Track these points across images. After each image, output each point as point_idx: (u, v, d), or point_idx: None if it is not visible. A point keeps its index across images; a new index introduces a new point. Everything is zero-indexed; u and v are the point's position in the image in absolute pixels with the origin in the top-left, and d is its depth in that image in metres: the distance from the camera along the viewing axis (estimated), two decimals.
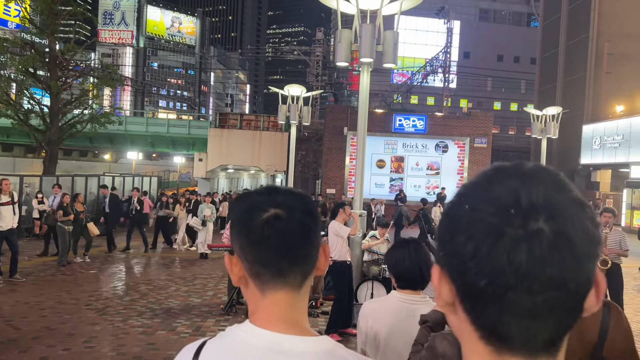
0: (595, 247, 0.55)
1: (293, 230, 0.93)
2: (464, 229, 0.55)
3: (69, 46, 21.77)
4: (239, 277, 0.97)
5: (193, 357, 0.96)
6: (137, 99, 77.45)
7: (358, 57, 9.06)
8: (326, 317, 7.89)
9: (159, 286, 9.60)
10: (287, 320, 0.94)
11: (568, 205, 0.54)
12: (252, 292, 0.97)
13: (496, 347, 0.55)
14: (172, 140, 35.04)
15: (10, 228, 9.34)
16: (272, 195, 0.96)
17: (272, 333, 0.92)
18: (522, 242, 0.52)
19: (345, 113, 25.19)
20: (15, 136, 31.73)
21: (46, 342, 6.14)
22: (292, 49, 63.66)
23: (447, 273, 0.58)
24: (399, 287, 2.19)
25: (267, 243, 0.92)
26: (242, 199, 1.00)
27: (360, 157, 9.77)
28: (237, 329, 0.95)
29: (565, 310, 0.54)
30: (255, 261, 0.93)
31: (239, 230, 0.95)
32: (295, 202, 0.96)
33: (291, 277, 0.94)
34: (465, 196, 0.58)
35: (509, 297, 0.53)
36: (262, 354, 0.90)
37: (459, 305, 0.58)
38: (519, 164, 0.58)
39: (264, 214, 0.93)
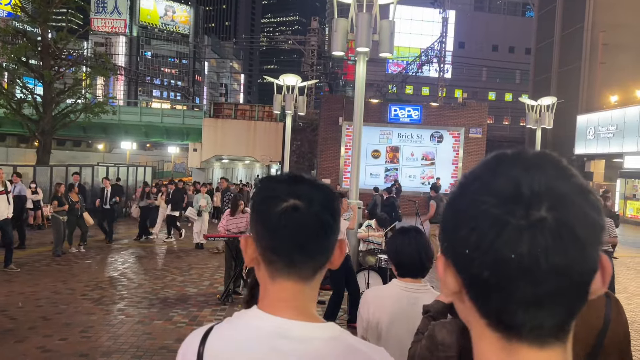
0: (599, 234, 0.54)
1: (309, 223, 0.93)
2: (467, 220, 0.55)
3: (61, 35, 21.56)
4: (252, 258, 0.98)
5: (200, 342, 0.96)
6: (130, 89, 76.95)
7: (354, 47, 9.02)
8: (322, 307, 7.93)
9: (155, 276, 9.60)
10: (295, 307, 0.94)
11: (571, 193, 0.54)
12: (263, 274, 0.98)
13: (504, 334, 0.56)
14: (166, 130, 34.90)
15: (5, 218, 9.29)
16: (294, 184, 0.96)
17: (280, 319, 0.92)
18: (525, 232, 0.52)
19: (341, 103, 25.13)
20: (7, 126, 31.49)
21: (42, 332, 6.14)
22: (287, 38, 63.31)
23: (452, 263, 0.58)
24: (399, 276, 2.20)
25: (281, 232, 0.92)
26: (265, 185, 1.00)
27: (356, 147, 9.76)
28: (245, 314, 0.96)
29: (572, 297, 0.54)
30: (269, 248, 0.94)
31: (256, 217, 0.96)
32: (316, 195, 0.95)
33: (302, 269, 0.95)
34: (467, 187, 0.58)
35: (513, 287, 0.53)
36: (269, 339, 0.91)
37: (465, 294, 0.58)
38: (521, 152, 0.58)
39: (283, 203, 0.93)
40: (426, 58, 40.22)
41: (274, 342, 0.90)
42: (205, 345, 0.96)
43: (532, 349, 0.55)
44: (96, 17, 75.91)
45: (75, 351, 5.57)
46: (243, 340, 0.93)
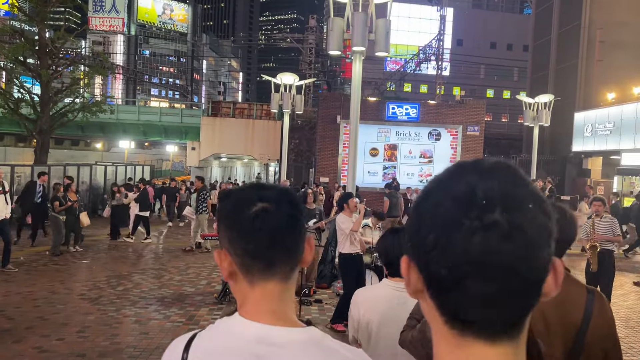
0: (548, 238, 0.58)
1: (282, 222, 0.97)
2: (427, 222, 0.59)
3: (59, 34, 21.53)
4: (229, 272, 1.00)
5: (183, 350, 0.99)
6: (128, 87, 76.81)
7: (351, 46, 9.04)
8: (319, 305, 7.95)
9: (152, 275, 9.62)
10: (275, 311, 0.97)
11: (524, 199, 0.58)
12: (240, 286, 1.00)
13: (459, 331, 0.59)
14: (164, 128, 34.86)
15: (3, 218, 9.30)
16: (257, 190, 1.01)
17: (261, 325, 0.95)
18: (478, 232, 0.56)
19: (339, 101, 25.11)
20: (5, 125, 31.42)
21: (40, 332, 6.15)
22: (285, 36, 63.21)
23: (415, 263, 0.62)
24: (390, 275, 2.22)
25: (257, 235, 0.96)
26: (230, 195, 1.04)
27: (353, 145, 9.79)
28: (226, 321, 0.98)
29: (522, 296, 0.58)
30: (246, 254, 0.97)
31: (228, 225, 0.99)
32: (281, 196, 1.00)
33: (281, 268, 0.98)
34: (430, 192, 0.62)
35: (467, 285, 0.56)
36: (251, 345, 0.93)
37: (426, 292, 0.62)
38: (479, 160, 0.62)
39: (253, 207, 0.97)
40: (424, 56, 40.20)
41: (255, 348, 0.93)
42: (189, 352, 0.98)
43: (485, 345, 0.58)
44: (94, 15, 75.73)
45: (72, 351, 5.59)
46: (225, 347, 0.95)
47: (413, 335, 1.90)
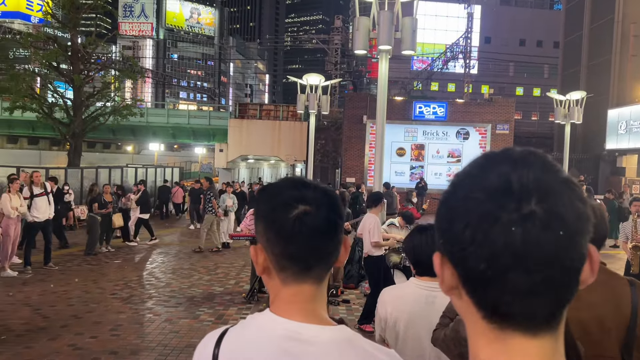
0: (585, 224, 0.57)
1: (321, 227, 0.96)
2: (461, 217, 0.58)
3: (90, 39, 22.07)
4: (263, 267, 1.00)
5: (215, 344, 1.00)
6: (158, 91, 78.14)
7: (377, 45, 9.00)
8: (347, 305, 7.95)
9: (182, 275, 9.76)
10: (307, 310, 0.97)
11: (557, 186, 0.57)
12: (274, 283, 1.00)
13: (498, 325, 0.58)
14: (192, 131, 35.34)
15: (46, 219, 9.68)
16: (299, 190, 0.98)
17: (292, 322, 0.95)
18: (517, 224, 0.54)
19: (365, 101, 25.04)
20: (40, 129, 32.35)
21: (74, 330, 6.31)
22: (311, 37, 63.37)
23: (448, 259, 0.61)
24: (417, 274, 2.20)
25: (296, 239, 0.95)
26: (269, 192, 1.02)
27: (380, 145, 9.74)
28: (257, 317, 0.99)
29: (563, 286, 0.57)
30: (283, 256, 0.96)
31: (267, 225, 0.98)
32: (323, 199, 0.98)
33: (316, 271, 0.98)
34: (458, 185, 0.61)
35: (508, 278, 0.55)
36: (282, 342, 0.93)
37: (462, 288, 0.60)
38: (508, 149, 0.60)
39: (294, 210, 0.95)
40: (451, 54, 39.75)
41: (285, 344, 0.93)
42: (220, 348, 0.99)
43: (525, 337, 0.57)
44: (124, 21, 77.31)
45: (105, 349, 5.71)
46: (255, 342, 0.96)
47: (446, 334, 1.89)
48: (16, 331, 6.16)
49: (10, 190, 9.33)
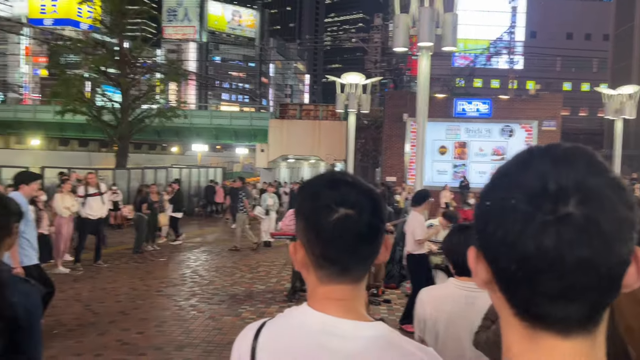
0: (628, 230, 0.54)
1: (362, 232, 0.94)
2: (496, 215, 0.57)
3: (136, 44, 22.74)
4: (301, 263, 1.00)
5: (254, 337, 1.02)
6: (201, 93, 79.76)
7: (417, 42, 8.90)
8: (388, 305, 7.89)
9: (224, 273, 9.93)
10: (345, 306, 0.96)
11: (601, 189, 0.54)
12: (312, 278, 1.00)
13: (530, 323, 0.57)
14: (235, 132, 35.87)
15: (99, 217, 10.10)
16: (341, 190, 0.96)
17: (329, 316, 0.95)
18: (551, 226, 0.52)
19: (405, 99, 24.77)
20: (90, 132, 33.54)
21: (121, 325, 6.51)
22: (350, 36, 63.30)
23: (483, 255, 0.60)
24: (457, 274, 2.16)
25: (336, 242, 0.94)
26: (309, 191, 1.00)
27: (420, 143, 9.63)
28: (295, 311, 1.00)
29: (598, 291, 0.54)
30: (322, 257, 0.96)
31: (307, 226, 0.97)
32: (365, 201, 0.96)
33: (354, 273, 0.97)
34: (497, 182, 0.60)
35: (539, 281, 0.54)
36: (318, 336, 0.93)
37: (495, 284, 0.59)
38: (553, 146, 0.58)
39: (334, 214, 0.94)
40: (495, 49, 38.85)
41: (322, 338, 0.93)
42: (258, 340, 1.01)
43: (557, 338, 0.55)
44: (168, 25, 79.30)
45: (150, 344, 5.87)
46: (293, 336, 0.97)
47: (488, 336, 1.85)
48: (68, 326, 6.42)
49: (62, 190, 9.74)
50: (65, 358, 5.35)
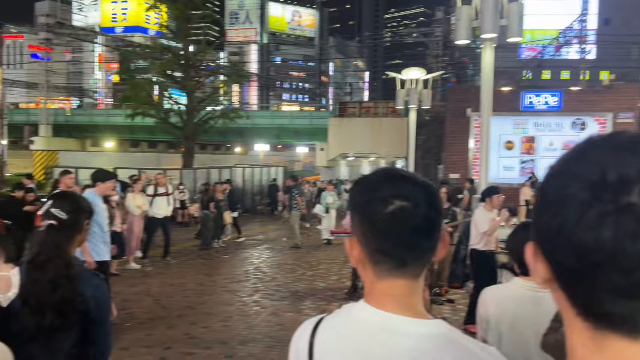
0: None
1: (419, 224, 0.93)
2: (553, 205, 0.53)
3: (200, 47, 23.47)
4: (357, 259, 1.00)
5: (311, 332, 1.03)
6: (262, 94, 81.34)
7: (479, 34, 8.62)
8: (451, 305, 7.71)
9: (286, 270, 10.07)
10: (403, 302, 0.95)
11: None
12: (369, 274, 0.99)
13: (593, 324, 0.53)
14: (295, 131, 36.29)
15: (165, 216, 10.55)
16: (396, 183, 0.96)
17: (387, 313, 0.94)
18: (610, 217, 0.49)
19: (468, 93, 24.09)
20: (158, 134, 34.99)
21: (188, 319, 6.75)
22: (411, 31, 62.43)
23: (541, 250, 0.56)
24: (521, 274, 2.06)
25: (392, 236, 0.93)
26: (365, 185, 1.00)
27: (485, 139, 9.33)
28: (353, 307, 1.00)
29: None
30: (378, 251, 0.95)
31: (362, 219, 0.96)
32: (421, 194, 0.95)
33: (412, 268, 0.95)
34: (555, 171, 0.56)
35: (600, 276, 0.50)
36: (376, 333, 0.92)
37: (555, 282, 0.55)
38: (616, 133, 0.54)
39: (390, 206, 0.93)
40: (565, 39, 37.01)
41: (380, 335, 0.92)
42: (316, 336, 1.01)
43: (623, 340, 0.51)
44: (230, 28, 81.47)
45: (216, 338, 6.04)
46: (350, 332, 0.96)
47: (557, 339, 1.76)
48: (139, 319, 6.73)
49: (133, 190, 10.23)
50: (136, 350, 5.61)
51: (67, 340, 1.86)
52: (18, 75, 55.39)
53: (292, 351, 1.08)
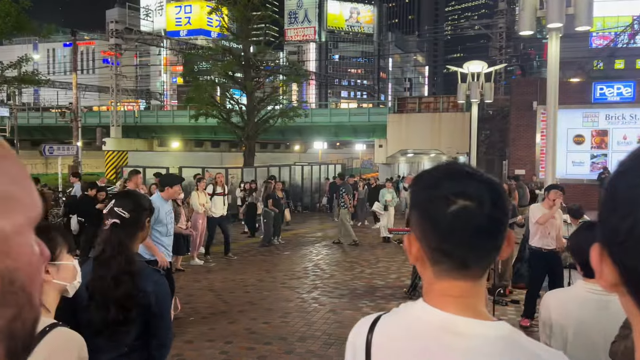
0: None
1: (483, 224, 0.89)
2: (623, 205, 0.50)
3: (259, 48, 23.91)
4: (416, 257, 0.97)
5: (368, 330, 1.01)
6: (321, 92, 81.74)
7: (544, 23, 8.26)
8: (516, 306, 7.46)
9: (345, 267, 10.08)
10: (463, 302, 0.92)
11: None
12: (428, 273, 0.96)
13: None
14: (353, 128, 36.23)
15: (221, 215, 10.82)
16: (459, 181, 0.91)
17: (447, 313, 0.91)
18: None
19: (534, 86, 23.13)
20: (221, 133, 35.98)
21: (249, 315, 6.90)
22: (473, 23, 60.72)
23: (607, 252, 0.52)
24: (585, 276, 1.95)
25: (454, 236, 0.89)
26: (426, 181, 0.96)
27: (551, 133, 8.94)
28: (411, 307, 0.97)
29: None
30: (439, 250, 0.92)
31: (422, 217, 0.93)
32: (485, 192, 0.90)
33: (473, 269, 0.92)
34: (627, 168, 0.51)
35: None
36: (435, 333, 0.90)
37: (623, 286, 0.52)
38: None
39: (453, 205, 0.89)
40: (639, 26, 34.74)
41: (440, 335, 0.90)
42: (374, 334, 1.00)
43: None
44: (289, 27, 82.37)
45: (275, 334, 6.14)
46: (407, 331, 0.95)
47: (627, 345, 1.65)
48: (202, 314, 6.95)
49: (197, 188, 10.57)
50: (199, 344, 5.80)
51: (129, 334, 1.95)
52: (91, 80, 58.65)
53: (349, 348, 1.07)
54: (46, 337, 1.32)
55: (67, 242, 1.51)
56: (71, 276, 1.48)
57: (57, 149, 22.01)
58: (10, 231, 0.40)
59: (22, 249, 0.41)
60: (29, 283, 0.41)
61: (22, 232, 0.41)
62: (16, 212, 0.41)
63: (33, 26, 15.21)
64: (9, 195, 0.40)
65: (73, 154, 24.18)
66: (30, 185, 0.43)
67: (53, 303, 1.45)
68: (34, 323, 0.42)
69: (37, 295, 0.42)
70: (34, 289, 0.42)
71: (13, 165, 0.42)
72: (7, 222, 0.40)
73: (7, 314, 0.40)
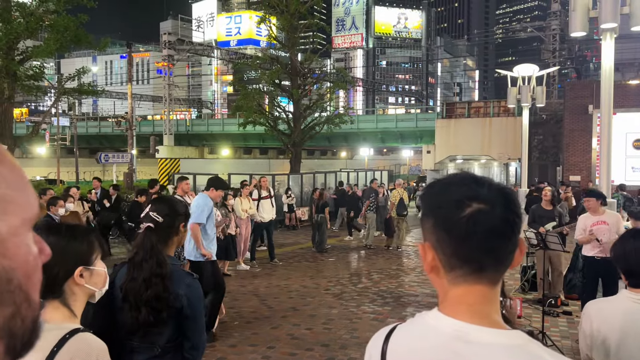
0: None
1: (498, 227, 0.90)
2: None
3: (306, 56, 24.13)
4: (431, 266, 0.97)
5: (384, 340, 1.02)
6: (368, 98, 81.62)
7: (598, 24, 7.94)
8: (568, 318, 7.16)
9: (389, 275, 9.96)
10: (478, 311, 0.91)
11: None
12: (443, 282, 0.96)
13: None
14: (400, 134, 35.91)
15: (270, 219, 10.93)
16: (472, 186, 0.93)
17: (460, 322, 0.90)
18: None
19: (589, 89, 22.22)
20: (268, 141, 36.52)
21: (292, 320, 6.92)
22: (524, 26, 59.10)
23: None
24: (630, 286, 1.85)
25: (469, 240, 0.90)
26: (438, 188, 0.97)
27: (606, 137, 8.57)
28: (426, 316, 0.97)
29: None
30: (454, 256, 0.92)
31: (437, 223, 0.94)
32: (498, 196, 0.91)
33: (489, 274, 0.92)
34: None
35: None
36: (448, 342, 0.89)
37: None
38: None
39: (467, 208, 0.90)
40: None
41: (454, 345, 0.89)
42: (389, 344, 1.01)
43: None
44: (336, 35, 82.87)
45: (318, 340, 6.13)
46: (421, 341, 0.94)
47: None
48: (246, 318, 7.03)
49: (242, 194, 10.74)
50: (243, 348, 5.87)
51: (162, 335, 2.00)
52: (145, 90, 60.92)
53: (366, 358, 1.08)
54: (66, 344, 1.36)
55: (102, 248, 1.56)
56: (101, 282, 1.53)
57: (112, 157, 22.96)
58: (6, 232, 0.42)
59: (19, 249, 0.43)
60: (26, 282, 0.43)
61: (18, 232, 0.43)
62: (11, 214, 0.42)
63: (90, 39, 15.92)
64: (4, 199, 0.42)
65: (127, 161, 25.11)
66: (26, 187, 0.45)
67: (81, 307, 1.49)
68: (33, 321, 0.44)
69: (35, 294, 0.44)
70: (32, 288, 0.44)
71: (9, 169, 0.43)
72: (2, 224, 0.42)
73: (5, 312, 0.41)
